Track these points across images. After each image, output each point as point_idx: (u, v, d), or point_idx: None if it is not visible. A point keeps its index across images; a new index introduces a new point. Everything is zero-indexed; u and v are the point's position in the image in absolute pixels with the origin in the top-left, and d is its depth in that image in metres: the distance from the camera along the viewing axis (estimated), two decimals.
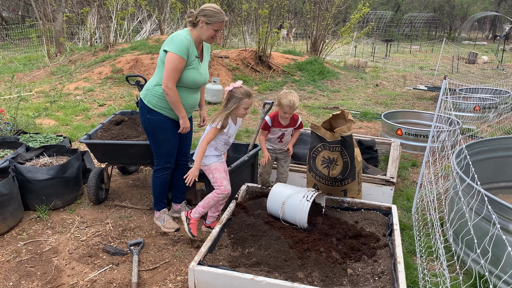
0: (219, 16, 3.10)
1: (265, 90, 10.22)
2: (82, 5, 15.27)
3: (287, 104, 3.51)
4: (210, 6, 3.12)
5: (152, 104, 3.23)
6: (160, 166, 3.46)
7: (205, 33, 3.13)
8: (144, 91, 3.30)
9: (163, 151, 3.40)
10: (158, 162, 3.46)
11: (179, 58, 3.05)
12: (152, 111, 3.25)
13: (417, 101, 9.86)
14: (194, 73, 3.21)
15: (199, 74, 3.26)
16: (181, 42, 3.05)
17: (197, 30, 3.15)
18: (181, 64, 3.08)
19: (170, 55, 3.05)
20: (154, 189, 3.57)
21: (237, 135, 6.45)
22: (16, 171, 3.72)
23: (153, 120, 3.27)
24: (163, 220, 3.63)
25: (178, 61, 3.05)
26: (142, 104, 3.30)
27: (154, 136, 3.34)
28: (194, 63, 3.18)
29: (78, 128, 6.46)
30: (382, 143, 5.38)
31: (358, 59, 14.49)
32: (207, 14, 3.07)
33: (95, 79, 9.89)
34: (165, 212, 3.67)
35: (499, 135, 6.77)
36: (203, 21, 3.08)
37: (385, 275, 2.74)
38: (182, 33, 3.13)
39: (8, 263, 3.11)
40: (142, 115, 3.33)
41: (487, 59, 18.83)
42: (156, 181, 3.52)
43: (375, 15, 30.55)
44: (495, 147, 4.41)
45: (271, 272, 2.71)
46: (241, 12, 13.71)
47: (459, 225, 3.24)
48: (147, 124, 3.31)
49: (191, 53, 3.12)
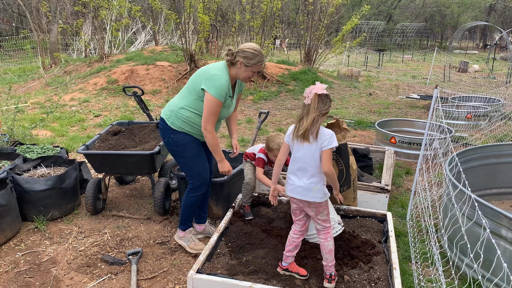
0: (259, 59, 2.98)
1: (259, 99, 10.30)
2: (77, 17, 15.34)
3: (276, 148, 3.41)
4: (250, 47, 2.98)
5: (177, 126, 3.09)
6: (196, 184, 3.27)
7: (242, 73, 3.03)
8: (167, 112, 3.14)
9: (196, 168, 3.22)
10: (193, 181, 3.26)
11: (219, 103, 2.96)
12: (175, 131, 3.12)
13: (410, 109, 9.98)
14: (223, 111, 3.11)
15: (227, 111, 3.18)
16: (221, 87, 2.94)
17: (235, 70, 3.03)
18: (220, 108, 3.00)
19: (210, 98, 2.93)
20: (186, 208, 3.36)
21: None
22: (14, 182, 3.74)
23: (178, 138, 3.12)
24: (188, 240, 3.45)
25: (218, 106, 2.96)
26: (165, 125, 3.13)
27: (183, 154, 3.17)
28: (227, 102, 3.10)
29: (74, 139, 6.48)
30: (376, 151, 5.45)
31: (351, 69, 14.64)
32: (247, 57, 2.95)
33: (90, 90, 9.93)
34: (190, 232, 3.49)
35: (492, 142, 6.88)
36: (242, 62, 2.96)
37: (381, 281, 2.78)
38: (221, 74, 2.97)
39: (7, 274, 3.12)
40: (165, 136, 3.16)
41: (478, 68, 19.08)
42: (190, 200, 3.32)
43: (368, 25, 30.92)
44: (487, 154, 4.49)
45: (269, 279, 2.75)
46: (235, 23, 13.85)
47: (453, 231, 3.30)
48: (172, 144, 3.15)
49: (227, 95, 3.03)
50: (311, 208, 2.69)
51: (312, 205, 2.67)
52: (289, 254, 2.81)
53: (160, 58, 11.69)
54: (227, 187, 3.86)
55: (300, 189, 2.65)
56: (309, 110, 2.59)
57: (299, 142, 2.64)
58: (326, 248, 2.73)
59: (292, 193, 2.70)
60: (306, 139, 2.60)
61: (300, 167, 2.65)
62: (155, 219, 4.02)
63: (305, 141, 2.60)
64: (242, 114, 8.91)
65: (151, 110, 8.38)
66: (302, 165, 2.64)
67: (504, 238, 2.89)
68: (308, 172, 2.63)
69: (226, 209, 3.87)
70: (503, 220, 2.87)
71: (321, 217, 2.71)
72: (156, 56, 12.14)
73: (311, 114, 2.57)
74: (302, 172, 2.65)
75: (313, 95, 2.59)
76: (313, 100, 2.58)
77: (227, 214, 3.54)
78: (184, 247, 3.45)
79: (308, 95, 2.61)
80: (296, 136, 2.64)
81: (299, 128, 2.61)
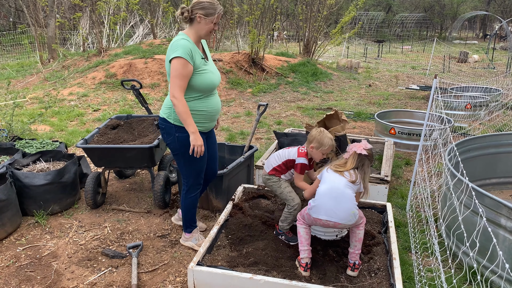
0: (217, 7, 2.87)
1: (259, 92, 10.28)
2: (74, 11, 15.25)
3: (331, 144, 2.99)
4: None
5: (179, 121, 2.94)
6: (192, 185, 3.19)
7: (204, 28, 2.88)
8: (165, 110, 3.02)
9: (196, 169, 3.12)
10: (189, 182, 3.18)
11: (184, 62, 2.77)
12: (181, 128, 2.96)
13: (410, 100, 9.96)
14: (208, 75, 2.95)
15: (212, 73, 3.00)
16: (183, 46, 2.78)
17: (194, 27, 2.89)
18: (187, 70, 2.80)
19: (174, 61, 2.77)
20: (187, 210, 3.29)
21: (232, 137, 6.50)
22: (13, 177, 3.74)
23: (183, 138, 2.97)
24: (195, 239, 3.40)
25: (183, 66, 2.78)
26: (167, 124, 3.00)
27: (186, 154, 3.01)
28: (203, 65, 2.92)
29: (73, 133, 6.47)
30: (376, 142, 5.45)
31: (350, 60, 14.59)
32: (204, 7, 2.83)
33: (89, 84, 9.90)
34: (197, 232, 3.42)
35: (491, 132, 6.87)
36: (201, 15, 2.83)
37: (381, 271, 2.79)
38: (180, 37, 2.86)
39: (8, 268, 3.13)
40: (170, 135, 3.02)
41: (477, 58, 19.03)
42: (188, 202, 3.25)
43: (367, 16, 30.77)
44: (486, 144, 4.49)
45: (269, 271, 2.76)
46: (233, 15, 13.77)
47: (451, 220, 3.31)
48: (176, 144, 3.01)
49: (195, 56, 2.86)
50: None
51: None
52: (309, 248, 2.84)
53: (158, 52, 11.64)
54: (226, 180, 3.86)
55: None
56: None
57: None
58: (357, 236, 2.79)
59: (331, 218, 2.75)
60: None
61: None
62: (155, 213, 4.03)
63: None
64: (241, 107, 8.90)
65: (150, 104, 8.37)
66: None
67: (504, 227, 2.89)
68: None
69: (226, 202, 3.87)
70: (502, 210, 2.88)
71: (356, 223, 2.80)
72: (154, 49, 12.09)
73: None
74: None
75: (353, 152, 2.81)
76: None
77: (227, 207, 3.54)
78: (192, 247, 3.38)
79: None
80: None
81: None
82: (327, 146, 2.96)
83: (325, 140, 2.95)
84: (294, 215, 3.08)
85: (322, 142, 2.95)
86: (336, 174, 2.78)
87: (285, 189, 3.11)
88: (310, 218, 2.79)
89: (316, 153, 3.01)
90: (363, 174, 2.80)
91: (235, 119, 7.83)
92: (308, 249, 2.81)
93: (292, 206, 3.07)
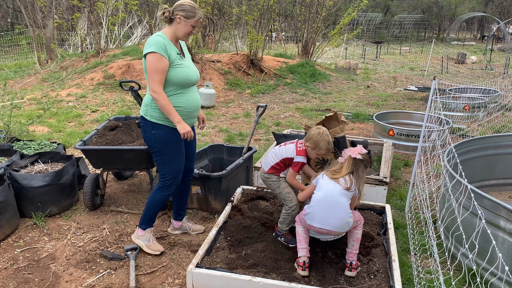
0: (198, 13, 2.96)
1: (257, 93, 10.27)
2: (72, 11, 15.24)
3: (326, 148, 2.95)
4: (188, 2, 2.97)
5: (156, 118, 3.01)
6: (168, 183, 3.19)
7: (182, 29, 2.96)
8: (143, 108, 3.09)
9: (172, 167, 3.15)
10: (165, 180, 3.18)
11: (158, 56, 2.85)
12: (157, 126, 3.02)
13: (408, 101, 9.97)
14: (183, 69, 3.01)
15: (189, 68, 3.06)
16: (157, 41, 2.87)
17: (173, 27, 2.98)
18: (162, 63, 2.87)
19: (148, 57, 2.86)
20: (151, 207, 3.27)
21: (230, 138, 6.49)
22: (11, 178, 3.72)
23: (159, 135, 3.03)
24: (147, 240, 3.34)
25: (158, 60, 2.85)
26: (145, 121, 3.06)
27: (163, 152, 3.09)
28: (178, 60, 2.98)
29: (72, 135, 6.46)
30: (374, 143, 5.45)
31: (349, 61, 14.60)
32: (185, 9, 2.92)
33: (87, 85, 9.88)
34: (150, 232, 3.38)
35: (489, 133, 6.88)
36: (181, 16, 2.92)
37: (381, 273, 2.78)
38: (154, 34, 2.96)
39: (6, 271, 3.11)
40: (146, 132, 3.08)
41: (475, 59, 19.07)
42: (158, 199, 3.24)
43: (365, 17, 30.82)
44: (485, 146, 4.50)
45: (269, 273, 2.75)
46: (232, 16, 13.78)
47: (450, 222, 3.31)
48: (153, 141, 3.06)
49: (170, 51, 2.93)
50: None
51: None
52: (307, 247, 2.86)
53: None
54: (225, 181, 3.86)
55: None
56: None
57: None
58: (354, 236, 2.82)
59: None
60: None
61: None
62: None
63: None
64: (240, 108, 8.89)
65: None
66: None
67: (503, 229, 2.89)
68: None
69: (225, 203, 3.87)
70: (501, 211, 2.88)
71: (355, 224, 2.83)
72: None
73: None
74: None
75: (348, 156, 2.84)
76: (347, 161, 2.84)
77: (225, 208, 3.53)
78: (141, 246, 3.33)
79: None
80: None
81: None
82: (322, 149, 2.93)
83: (321, 144, 2.91)
84: (292, 216, 3.07)
85: (318, 144, 2.92)
86: (332, 181, 2.79)
87: (284, 189, 3.09)
88: (306, 223, 2.81)
89: (311, 152, 2.99)
90: (357, 179, 2.81)
91: (233, 120, 7.83)
92: (306, 248, 2.81)
93: (290, 207, 3.06)
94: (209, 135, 6.73)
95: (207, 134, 6.79)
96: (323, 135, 2.93)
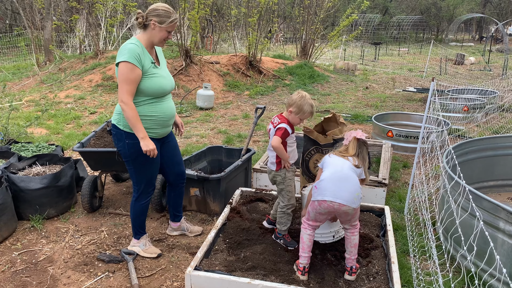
0: (173, 16, 2.86)
1: (256, 94, 10.27)
2: (71, 13, 15.22)
3: (310, 111, 2.94)
4: (162, 5, 2.86)
5: (129, 127, 2.91)
6: (143, 192, 3.15)
7: (157, 35, 2.87)
8: (115, 116, 2.99)
9: (146, 175, 3.10)
10: (139, 189, 3.14)
11: (131, 67, 2.75)
12: (130, 135, 2.92)
13: (407, 103, 9.97)
14: (157, 79, 2.92)
15: (163, 78, 2.97)
16: (130, 50, 2.76)
17: (147, 33, 2.88)
18: (134, 74, 2.77)
19: (120, 66, 2.75)
20: (135, 217, 3.23)
21: (229, 139, 6.48)
22: (9, 181, 3.71)
23: (133, 145, 2.93)
24: (143, 245, 3.33)
25: (130, 70, 2.75)
26: (118, 130, 2.97)
27: (136, 161, 3.00)
28: (152, 69, 2.90)
29: (70, 137, 6.44)
30: (373, 145, 5.45)
31: (347, 63, 14.60)
32: (160, 14, 2.81)
33: (85, 87, 9.87)
34: (145, 238, 3.37)
35: (488, 134, 6.88)
36: (155, 22, 2.82)
37: (380, 275, 2.78)
38: (129, 41, 2.85)
39: (3, 274, 3.10)
40: (120, 141, 2.98)
41: (474, 60, 19.09)
42: (137, 208, 3.19)
43: (364, 18, 30.84)
44: (483, 147, 4.49)
45: (267, 275, 2.74)
46: (230, 18, 13.78)
47: (449, 223, 3.30)
48: (126, 150, 2.97)
49: (144, 60, 2.84)
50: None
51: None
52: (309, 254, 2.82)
53: None
54: (224, 183, 3.85)
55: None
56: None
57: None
58: (351, 242, 2.79)
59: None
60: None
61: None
62: (152, 216, 4.00)
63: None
64: (239, 110, 8.89)
65: None
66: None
67: (502, 231, 2.89)
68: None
69: (223, 205, 3.86)
70: (500, 213, 2.87)
71: (353, 221, 2.77)
72: None
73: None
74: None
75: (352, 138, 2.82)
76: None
77: (224, 210, 3.52)
78: (138, 252, 3.32)
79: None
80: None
81: None
82: (306, 112, 2.92)
83: (305, 107, 2.89)
84: (287, 215, 3.09)
85: (301, 108, 2.90)
86: (341, 158, 2.78)
87: (287, 186, 3.09)
88: (316, 207, 2.70)
89: (294, 118, 2.95)
90: (363, 161, 2.82)
91: (232, 122, 7.82)
92: (309, 255, 2.80)
93: (285, 204, 3.08)
94: (207, 137, 6.72)
95: (205, 135, 6.78)
96: (306, 99, 2.92)
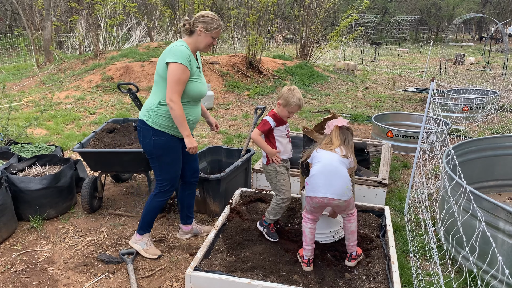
0: (218, 24, 2.99)
1: (256, 95, 10.27)
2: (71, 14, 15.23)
3: (296, 104, 3.01)
4: (207, 13, 3.00)
5: (158, 125, 2.98)
6: (165, 189, 3.19)
7: (203, 41, 2.98)
8: (145, 112, 3.03)
9: (170, 174, 3.15)
10: (162, 186, 3.17)
11: (183, 68, 2.85)
12: (158, 132, 3.00)
13: (407, 103, 9.97)
14: (199, 84, 3.04)
15: (202, 84, 3.10)
16: (182, 52, 2.87)
17: (193, 39, 2.99)
18: (185, 75, 2.88)
19: (173, 66, 2.84)
20: (148, 212, 3.25)
21: (229, 140, 6.48)
22: (8, 181, 3.71)
23: (159, 142, 3.02)
24: (145, 244, 3.33)
25: (183, 72, 2.86)
26: (145, 126, 3.02)
27: (161, 158, 3.07)
28: (197, 74, 3.03)
29: (70, 137, 6.44)
30: (373, 145, 5.44)
31: (347, 63, 14.60)
32: (205, 21, 2.94)
33: (85, 87, 9.86)
34: (148, 237, 3.37)
35: (488, 134, 6.88)
36: (201, 28, 2.94)
37: (380, 275, 2.77)
38: (179, 43, 2.94)
39: (3, 274, 3.09)
40: (146, 138, 3.04)
41: (474, 60, 19.10)
42: (155, 205, 3.22)
43: (363, 18, 30.85)
44: (483, 147, 4.49)
45: (267, 275, 2.74)
46: (230, 18, 13.78)
47: (450, 224, 3.30)
48: (152, 147, 3.04)
49: (192, 64, 2.96)
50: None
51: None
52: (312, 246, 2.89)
53: (155, 55, 11.62)
54: (224, 184, 3.85)
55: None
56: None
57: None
58: (349, 229, 2.85)
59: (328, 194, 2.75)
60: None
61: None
62: None
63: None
64: (239, 110, 8.88)
65: None
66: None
67: (502, 231, 2.88)
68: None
69: (223, 206, 3.85)
70: (500, 213, 2.87)
71: (348, 210, 2.83)
72: (151, 52, 12.07)
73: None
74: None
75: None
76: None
77: (224, 211, 3.52)
78: (139, 250, 3.32)
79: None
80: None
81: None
82: (293, 104, 2.99)
83: (292, 99, 2.98)
84: (281, 208, 3.13)
85: (288, 100, 2.99)
86: (328, 151, 2.82)
87: (280, 181, 3.12)
88: (309, 202, 2.79)
89: (282, 110, 3.04)
90: (348, 147, 2.85)
91: (232, 122, 7.82)
92: (312, 247, 2.87)
93: (281, 198, 3.12)
94: (207, 137, 6.72)
95: (205, 136, 6.78)
96: (294, 92, 3.01)
